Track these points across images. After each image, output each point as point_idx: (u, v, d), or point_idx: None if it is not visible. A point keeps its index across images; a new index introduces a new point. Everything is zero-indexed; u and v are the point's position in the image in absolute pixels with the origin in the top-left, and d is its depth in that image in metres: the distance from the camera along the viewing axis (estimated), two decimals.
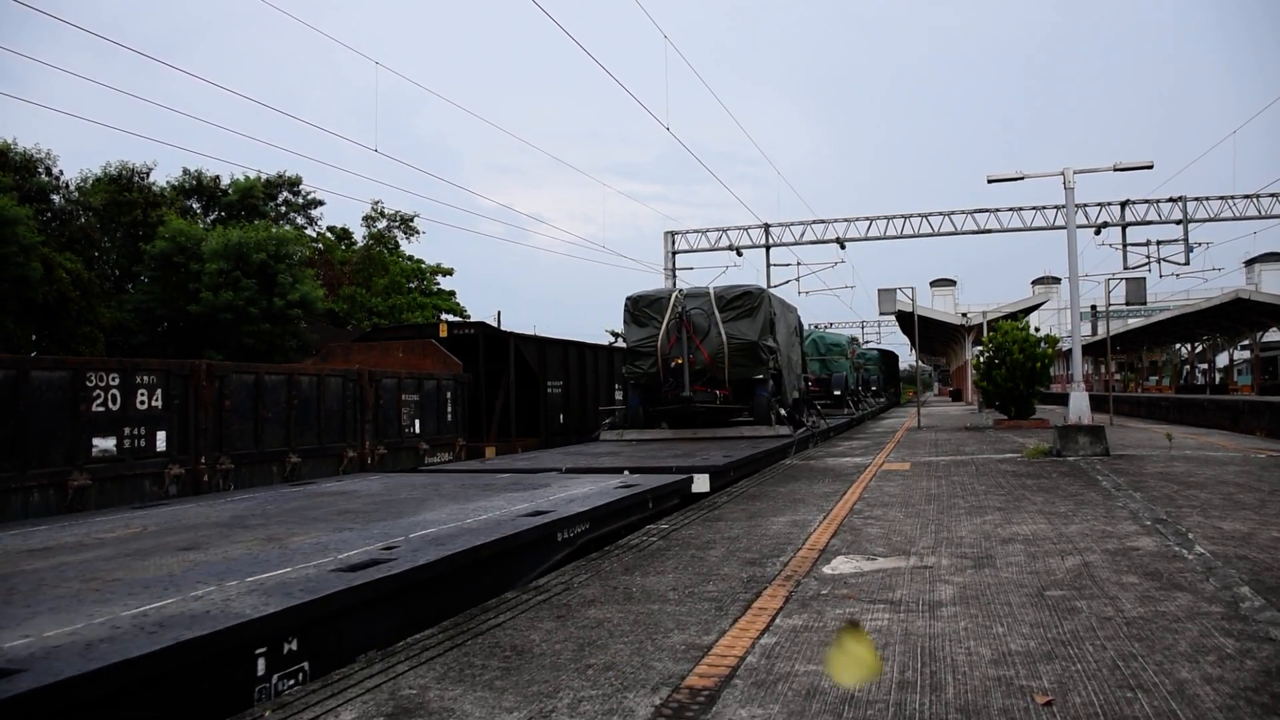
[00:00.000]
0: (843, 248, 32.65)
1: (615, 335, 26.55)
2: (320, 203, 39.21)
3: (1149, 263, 30.13)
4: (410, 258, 42.76)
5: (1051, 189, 31.16)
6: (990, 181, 15.37)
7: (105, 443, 8.46)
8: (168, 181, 33.26)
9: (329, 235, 41.38)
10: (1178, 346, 55.01)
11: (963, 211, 30.91)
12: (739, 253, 33.35)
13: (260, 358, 23.86)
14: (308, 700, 2.82)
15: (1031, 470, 9.46)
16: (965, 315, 40.79)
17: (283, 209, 37.36)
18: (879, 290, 19.45)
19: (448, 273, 44.47)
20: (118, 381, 8.65)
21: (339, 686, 2.94)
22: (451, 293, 44.15)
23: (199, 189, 33.80)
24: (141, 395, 8.91)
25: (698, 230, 33.94)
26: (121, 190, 29.57)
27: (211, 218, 33.64)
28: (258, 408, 10.34)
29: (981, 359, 19.50)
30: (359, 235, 42.64)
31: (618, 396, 19.48)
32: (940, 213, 31.11)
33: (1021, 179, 14.98)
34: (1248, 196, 29.16)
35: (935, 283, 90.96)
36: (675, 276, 33.26)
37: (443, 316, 37.14)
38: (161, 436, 9.07)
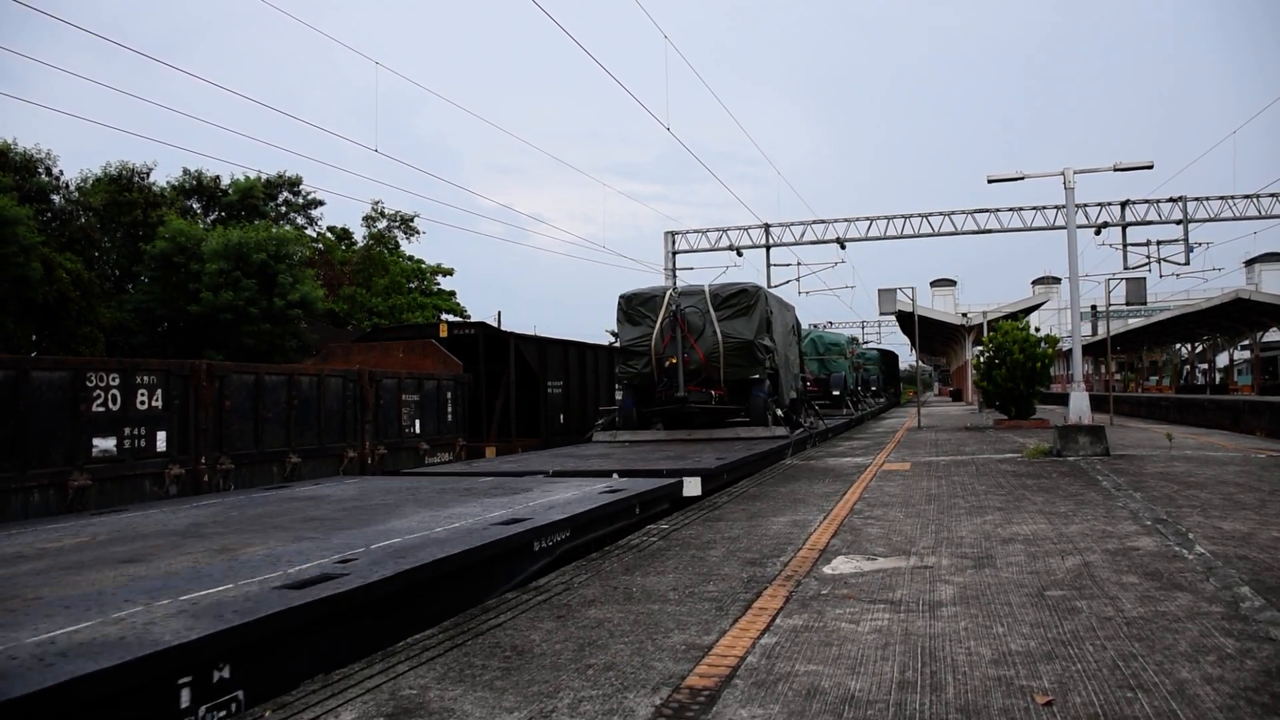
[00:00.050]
0: (843, 248, 32.67)
1: (615, 335, 26.53)
2: (320, 203, 39.28)
3: (1149, 263, 30.15)
4: (410, 258, 42.77)
5: (1051, 189, 31.14)
6: (990, 182, 15.37)
7: (105, 443, 8.46)
8: (168, 181, 33.31)
9: (329, 235, 41.40)
10: (1178, 346, 55.04)
11: (963, 211, 30.93)
12: (739, 253, 33.37)
13: (260, 358, 23.85)
14: (308, 700, 2.82)
15: (1032, 470, 9.46)
16: (965, 315, 40.82)
17: (283, 209, 37.37)
18: (879, 290, 19.48)
19: (448, 273, 44.54)
20: (118, 382, 8.65)
21: (339, 686, 2.94)
22: (452, 293, 44.18)
23: (199, 189, 33.81)
24: (141, 395, 8.90)
25: (698, 230, 33.99)
26: (121, 190, 29.57)
27: (211, 218, 33.64)
28: (258, 408, 10.34)
29: (982, 359, 19.50)
30: (359, 235, 42.72)
31: (618, 396, 19.44)
32: (940, 213, 31.13)
33: (1021, 179, 14.97)
34: (1248, 196, 29.17)
35: (935, 283, 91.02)
36: (675, 276, 33.25)
37: (443, 317, 37.18)
38: (162, 437, 9.07)
